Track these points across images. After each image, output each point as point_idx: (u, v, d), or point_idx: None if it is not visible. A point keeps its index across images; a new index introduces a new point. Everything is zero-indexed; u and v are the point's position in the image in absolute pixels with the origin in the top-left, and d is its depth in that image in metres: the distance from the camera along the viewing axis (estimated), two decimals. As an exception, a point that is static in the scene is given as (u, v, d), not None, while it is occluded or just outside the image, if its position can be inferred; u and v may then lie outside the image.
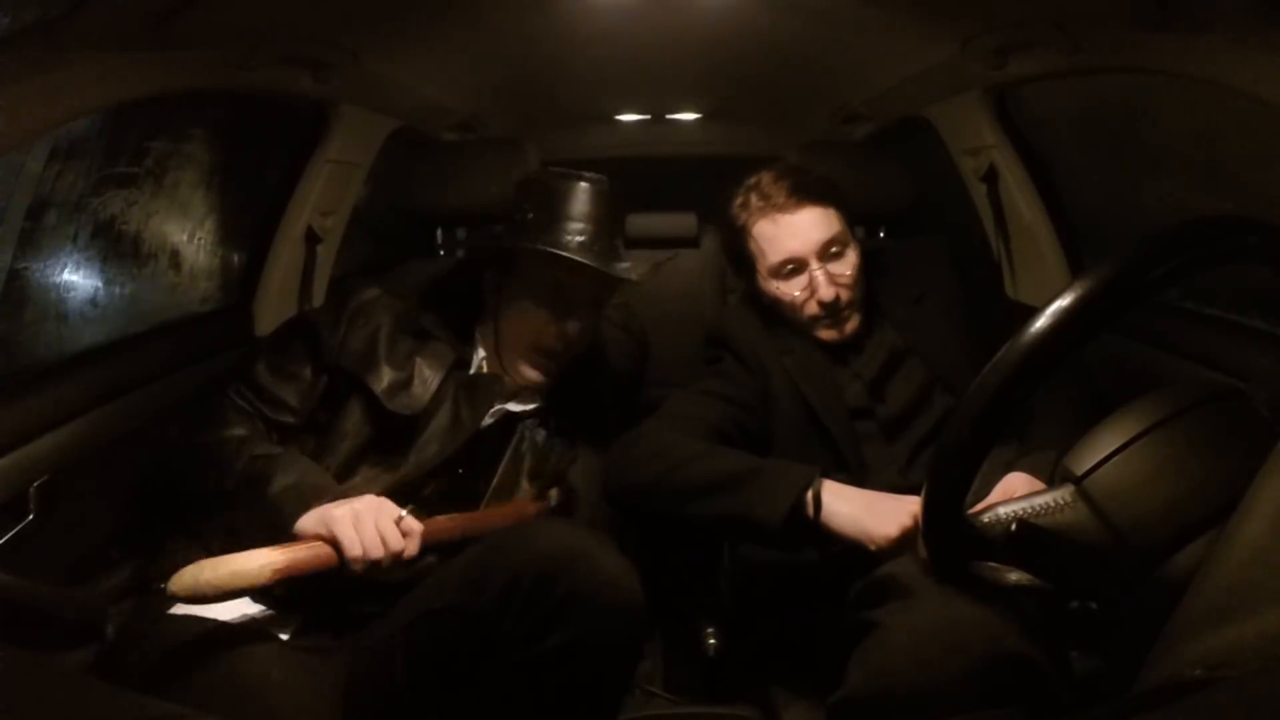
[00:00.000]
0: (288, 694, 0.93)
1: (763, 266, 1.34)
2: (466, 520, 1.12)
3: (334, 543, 0.96)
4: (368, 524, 0.97)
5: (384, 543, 0.97)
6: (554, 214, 1.22)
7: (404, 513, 1.01)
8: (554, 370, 1.26)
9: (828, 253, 1.29)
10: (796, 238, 1.29)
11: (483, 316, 1.30)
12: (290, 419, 1.16)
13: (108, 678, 0.92)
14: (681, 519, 1.13)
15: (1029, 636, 0.79)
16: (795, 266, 1.30)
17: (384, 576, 1.00)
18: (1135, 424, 0.74)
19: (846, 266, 1.30)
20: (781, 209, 1.30)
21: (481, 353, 1.28)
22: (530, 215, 1.22)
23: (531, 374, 1.25)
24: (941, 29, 1.32)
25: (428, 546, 1.03)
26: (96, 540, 1.16)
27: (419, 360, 1.20)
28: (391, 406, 1.16)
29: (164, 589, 0.89)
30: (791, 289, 1.31)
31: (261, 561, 0.91)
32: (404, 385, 1.18)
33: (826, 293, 1.28)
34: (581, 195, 1.23)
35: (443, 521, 1.08)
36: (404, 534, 0.99)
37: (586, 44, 1.55)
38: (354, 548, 0.95)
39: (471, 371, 1.26)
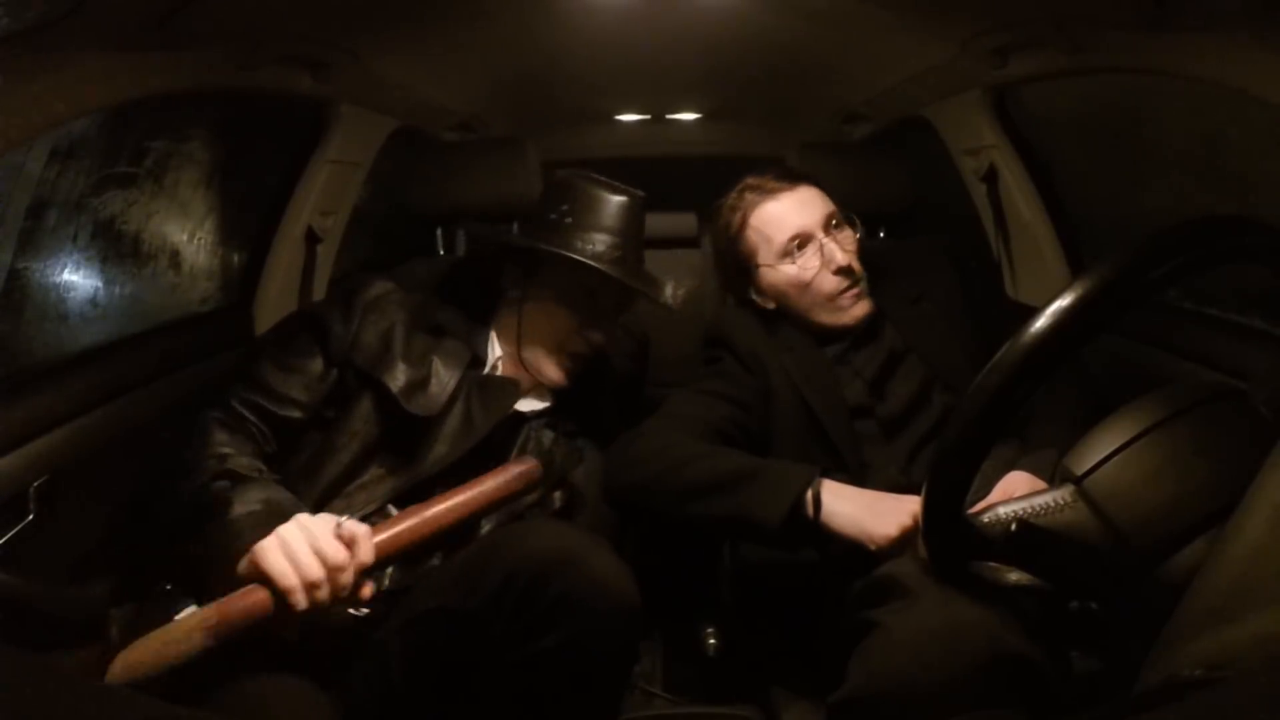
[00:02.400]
0: (287, 696, 0.93)
1: (768, 254, 1.34)
2: (439, 509, 0.97)
3: (266, 580, 0.85)
4: (297, 545, 0.86)
5: (323, 560, 0.86)
6: (590, 222, 1.22)
7: (341, 520, 0.90)
8: (577, 373, 1.27)
9: (830, 225, 1.32)
10: (801, 211, 1.32)
11: (500, 312, 1.29)
12: (297, 414, 1.14)
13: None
14: (681, 519, 1.13)
15: (1029, 636, 0.79)
16: (803, 240, 1.31)
17: (347, 606, 0.91)
18: (1135, 424, 0.74)
19: (850, 239, 1.33)
20: (778, 190, 1.34)
21: (498, 351, 1.28)
22: (568, 220, 1.22)
23: (555, 375, 1.26)
24: (941, 29, 1.32)
25: (395, 552, 0.93)
26: (96, 540, 1.16)
27: (435, 359, 1.19)
28: (410, 408, 1.14)
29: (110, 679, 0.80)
30: (805, 264, 1.31)
31: (191, 625, 0.81)
32: (421, 385, 1.16)
33: (841, 258, 1.29)
34: (620, 208, 1.23)
35: (405, 519, 0.95)
36: (347, 543, 0.89)
37: (586, 44, 1.55)
38: (286, 577, 0.84)
39: (486, 371, 1.26)
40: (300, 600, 0.85)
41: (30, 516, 1.02)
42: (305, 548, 0.86)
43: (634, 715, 1.31)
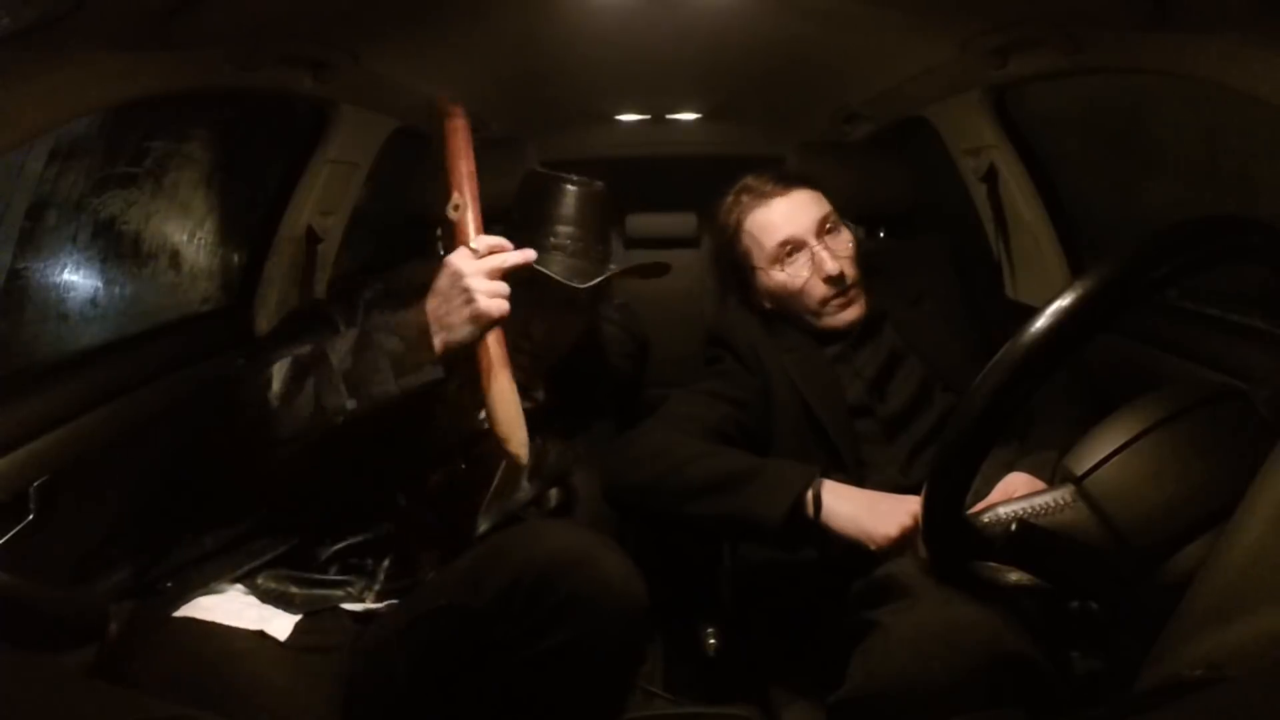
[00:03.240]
0: (287, 695, 0.93)
1: (761, 258, 1.35)
2: (456, 167, 1.08)
3: (480, 333, 0.99)
4: (471, 280, 0.99)
5: (491, 274, 1.00)
6: (539, 215, 1.21)
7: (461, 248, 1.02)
8: (526, 367, 1.24)
9: (824, 230, 1.32)
10: (792, 218, 1.32)
11: None
12: None
13: (108, 679, 0.92)
14: (681, 519, 1.13)
15: (1029, 636, 0.79)
16: (794, 247, 1.32)
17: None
18: (1135, 424, 0.74)
19: (844, 244, 1.33)
20: (772, 195, 1.34)
21: None
22: (516, 215, 1.22)
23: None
24: (941, 29, 1.32)
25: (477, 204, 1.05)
26: (96, 540, 1.16)
27: None
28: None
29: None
30: (795, 271, 1.32)
31: (500, 390, 0.97)
32: None
33: (832, 266, 1.29)
34: (566, 198, 1.22)
35: (461, 185, 1.06)
36: (487, 250, 1.02)
37: (587, 44, 1.54)
38: (486, 299, 0.98)
39: None
40: (504, 306, 1.00)
41: (30, 516, 1.02)
42: (482, 280, 0.99)
43: (634, 715, 1.31)
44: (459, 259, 1.00)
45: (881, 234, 2.00)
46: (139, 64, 1.04)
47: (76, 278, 1.46)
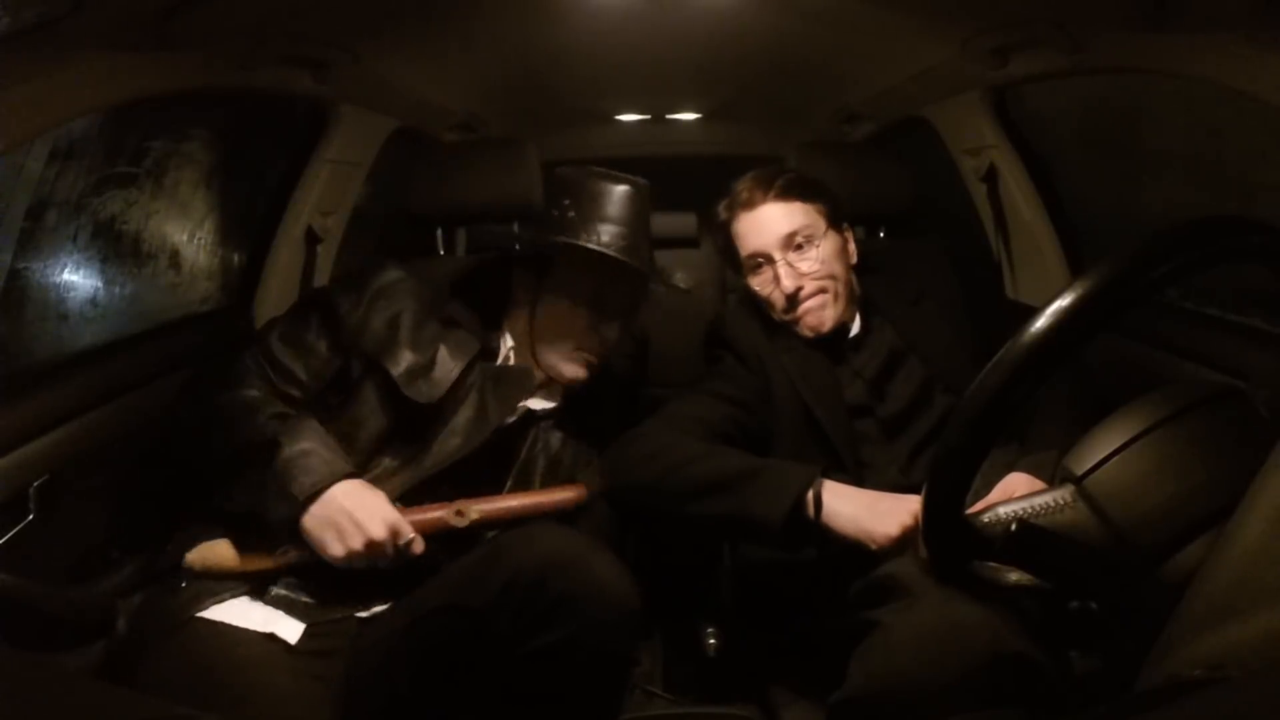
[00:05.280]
0: (293, 698, 0.93)
1: (741, 262, 1.37)
2: (509, 504, 1.12)
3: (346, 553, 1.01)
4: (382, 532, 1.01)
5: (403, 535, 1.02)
6: (595, 214, 1.21)
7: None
8: (595, 370, 1.25)
9: (791, 245, 1.31)
10: (758, 233, 1.32)
11: (511, 309, 1.28)
12: (296, 392, 1.13)
13: (116, 677, 0.92)
14: (681, 519, 1.13)
15: (1029, 636, 0.79)
16: (761, 261, 1.33)
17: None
18: (1135, 424, 0.74)
19: (810, 259, 1.31)
20: (746, 206, 1.34)
21: (510, 342, 1.26)
22: (571, 214, 1.21)
23: (573, 372, 1.23)
24: (941, 29, 1.32)
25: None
26: (97, 540, 1.16)
27: (442, 347, 1.18)
28: (408, 393, 1.13)
29: (184, 567, 1.01)
30: (760, 283, 1.34)
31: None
32: (423, 371, 1.15)
33: (787, 284, 1.29)
34: (624, 198, 1.22)
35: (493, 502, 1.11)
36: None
37: (587, 44, 1.55)
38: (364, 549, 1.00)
39: (499, 362, 1.24)
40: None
41: (30, 516, 1.02)
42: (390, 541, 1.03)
43: (634, 715, 1.31)
44: (397, 516, 1.02)
45: (881, 234, 2.00)
46: (139, 64, 1.04)
47: (76, 278, 1.46)
